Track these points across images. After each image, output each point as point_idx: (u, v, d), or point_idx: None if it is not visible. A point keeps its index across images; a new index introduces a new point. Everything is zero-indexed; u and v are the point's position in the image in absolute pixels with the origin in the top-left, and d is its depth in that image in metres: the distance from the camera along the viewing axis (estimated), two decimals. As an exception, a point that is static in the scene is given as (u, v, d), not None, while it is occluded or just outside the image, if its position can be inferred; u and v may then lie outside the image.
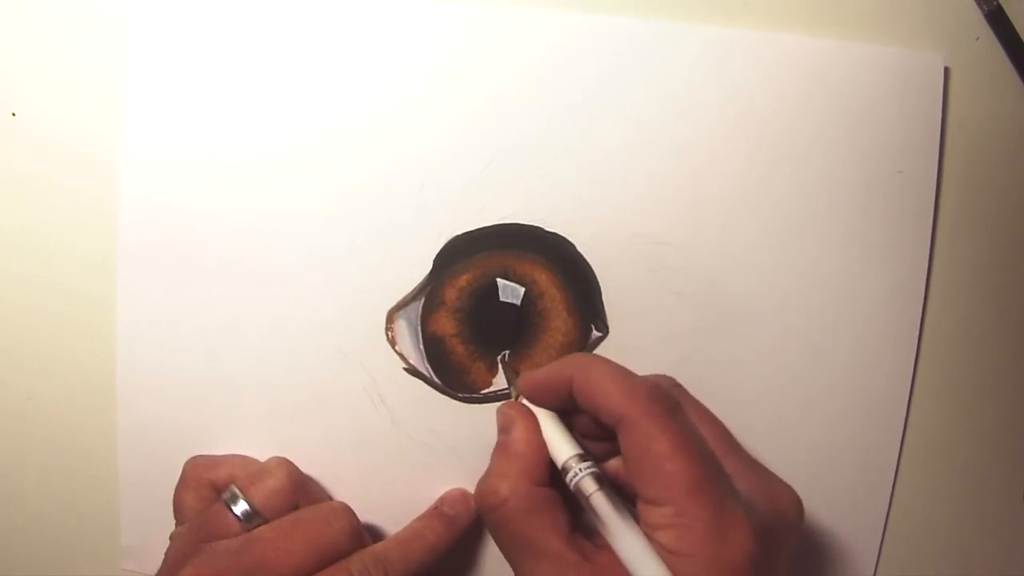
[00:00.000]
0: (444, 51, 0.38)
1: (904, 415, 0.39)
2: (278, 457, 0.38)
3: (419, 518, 0.38)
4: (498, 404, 0.38)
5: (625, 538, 0.30)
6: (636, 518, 0.30)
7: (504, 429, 0.35)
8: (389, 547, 0.36)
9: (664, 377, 0.36)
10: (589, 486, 0.31)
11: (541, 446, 0.34)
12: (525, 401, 0.35)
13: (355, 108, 0.38)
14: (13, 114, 0.39)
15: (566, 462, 0.32)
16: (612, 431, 0.31)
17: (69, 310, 0.40)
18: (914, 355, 0.39)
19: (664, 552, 0.29)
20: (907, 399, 0.39)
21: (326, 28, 0.38)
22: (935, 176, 0.38)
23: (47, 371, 0.41)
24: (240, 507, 0.35)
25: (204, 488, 0.37)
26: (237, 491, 0.36)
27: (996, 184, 0.39)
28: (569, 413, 0.34)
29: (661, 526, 0.29)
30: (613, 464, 0.34)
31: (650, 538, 0.29)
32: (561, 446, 0.33)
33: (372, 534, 0.38)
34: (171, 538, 0.36)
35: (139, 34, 0.38)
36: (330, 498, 0.39)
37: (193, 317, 0.39)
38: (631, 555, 0.29)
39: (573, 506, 0.33)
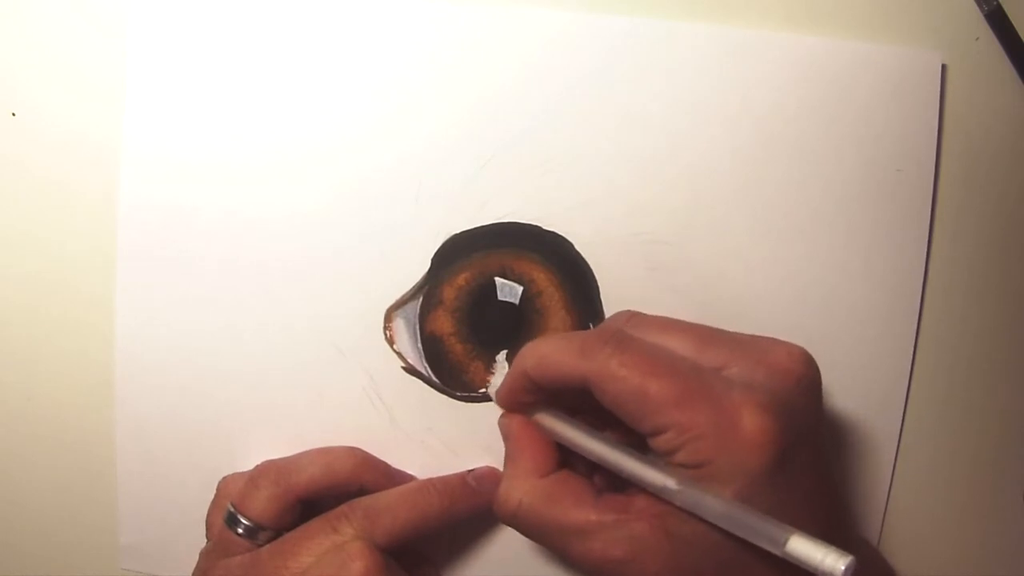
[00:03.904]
0: (442, 50, 0.38)
1: (902, 413, 0.39)
2: (267, 461, 0.37)
3: (438, 479, 0.38)
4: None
5: (643, 471, 0.30)
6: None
7: (504, 438, 0.35)
8: (383, 504, 0.36)
9: (616, 315, 0.35)
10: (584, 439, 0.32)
11: (539, 438, 0.34)
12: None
13: (353, 107, 0.38)
14: (13, 114, 0.39)
15: (565, 437, 0.33)
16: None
17: (69, 310, 0.40)
18: (912, 353, 0.39)
19: (687, 472, 0.28)
20: (904, 397, 0.39)
21: (323, 28, 0.38)
22: (933, 175, 0.38)
23: (47, 371, 0.41)
24: (240, 526, 0.35)
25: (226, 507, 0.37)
26: (233, 509, 0.36)
27: (995, 183, 0.39)
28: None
29: (672, 450, 0.29)
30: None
31: (671, 466, 0.29)
32: (562, 428, 0.33)
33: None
34: (200, 555, 0.37)
35: (138, 34, 0.38)
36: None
37: (192, 317, 0.39)
38: (653, 478, 0.29)
39: (607, 476, 0.33)
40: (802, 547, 0.26)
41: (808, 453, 0.30)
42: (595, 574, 0.31)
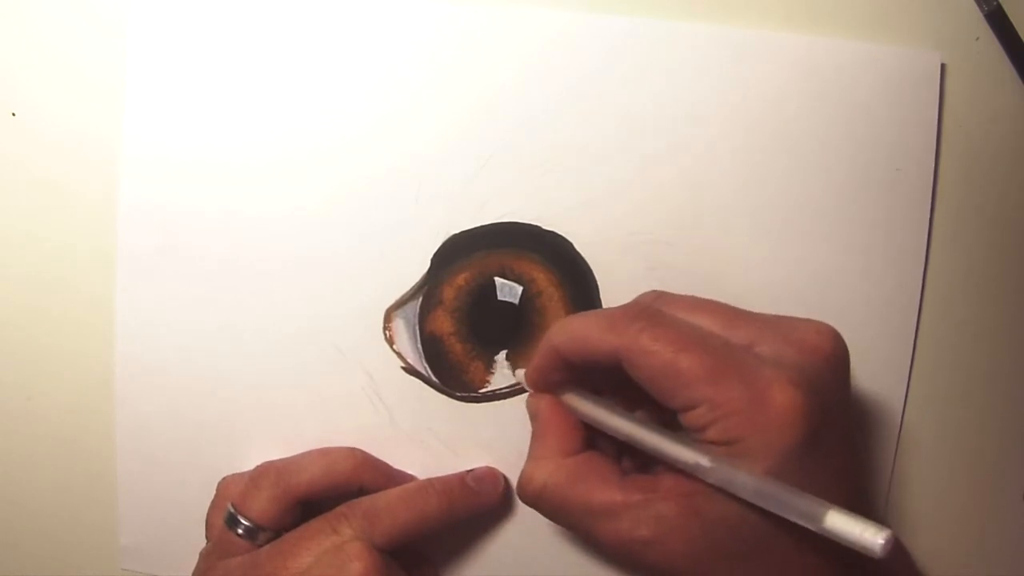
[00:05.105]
0: (442, 50, 0.38)
1: (901, 413, 0.39)
2: (267, 462, 0.37)
3: (437, 480, 0.38)
4: (497, 403, 0.39)
5: (675, 449, 0.29)
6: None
7: (532, 418, 0.35)
8: (382, 505, 0.36)
9: (643, 294, 0.35)
10: (616, 421, 0.31)
11: (566, 419, 0.33)
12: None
13: (353, 108, 0.38)
14: (13, 114, 0.39)
15: (594, 416, 0.32)
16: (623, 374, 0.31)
17: (69, 310, 0.40)
18: (911, 353, 0.39)
19: (718, 449, 0.28)
20: (904, 397, 0.39)
21: (323, 28, 0.38)
22: (932, 174, 0.38)
23: (47, 371, 0.41)
24: (240, 527, 0.36)
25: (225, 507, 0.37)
26: (233, 510, 0.36)
27: (995, 183, 0.39)
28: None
29: (703, 426, 0.28)
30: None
31: (702, 443, 0.29)
32: (591, 408, 0.33)
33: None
34: (199, 556, 0.37)
35: (138, 34, 0.38)
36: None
37: (192, 317, 0.39)
38: (685, 455, 0.29)
39: (635, 461, 0.32)
40: (840, 522, 0.25)
41: (837, 430, 0.30)
42: (620, 555, 0.30)
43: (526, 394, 0.38)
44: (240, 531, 0.35)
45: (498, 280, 0.39)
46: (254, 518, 0.36)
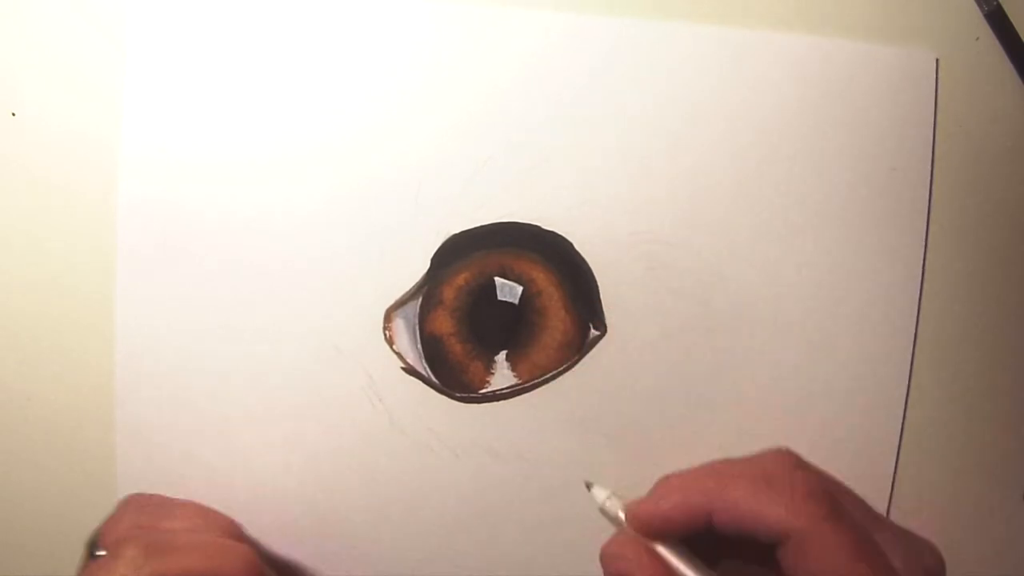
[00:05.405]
0: (442, 51, 0.38)
1: (901, 413, 0.39)
2: (137, 494, 0.38)
3: (261, 553, 0.37)
4: (496, 403, 0.39)
5: None
6: None
7: (616, 567, 0.29)
8: (177, 544, 0.34)
9: (781, 452, 0.31)
10: None
11: None
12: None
13: (353, 107, 0.38)
14: (13, 114, 0.39)
15: None
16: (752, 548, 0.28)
17: (69, 310, 0.40)
18: (911, 352, 0.39)
19: None
20: (904, 397, 0.39)
21: (323, 28, 0.38)
22: (929, 173, 0.38)
23: (47, 371, 0.41)
24: (94, 556, 0.35)
25: None
26: (95, 536, 0.36)
27: (996, 183, 0.39)
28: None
29: None
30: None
31: None
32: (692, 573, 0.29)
33: (368, 533, 0.38)
34: None
35: (138, 34, 0.38)
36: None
37: (192, 317, 0.39)
38: None
39: None
40: None
41: None
42: None
43: (526, 395, 0.39)
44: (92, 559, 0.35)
45: (498, 280, 0.39)
46: (106, 546, 0.35)
